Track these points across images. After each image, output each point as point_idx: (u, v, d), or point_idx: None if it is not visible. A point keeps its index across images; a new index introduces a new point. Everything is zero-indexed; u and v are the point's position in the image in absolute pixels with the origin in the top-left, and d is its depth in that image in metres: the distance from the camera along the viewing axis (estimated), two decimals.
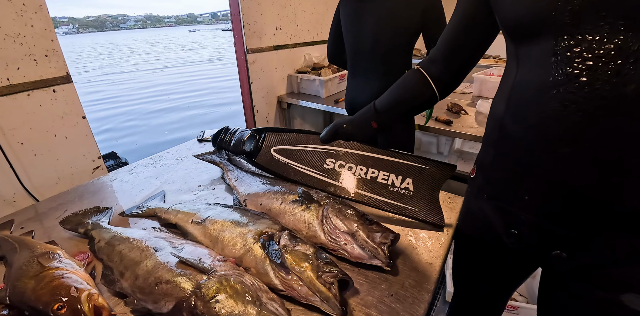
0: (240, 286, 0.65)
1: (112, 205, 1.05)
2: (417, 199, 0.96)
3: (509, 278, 0.96)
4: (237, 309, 0.61)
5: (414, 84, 0.95)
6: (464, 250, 0.97)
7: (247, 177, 1.09)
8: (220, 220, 0.85)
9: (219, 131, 1.26)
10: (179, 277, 0.67)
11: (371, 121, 0.98)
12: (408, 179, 0.98)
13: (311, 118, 2.75)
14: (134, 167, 1.28)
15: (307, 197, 0.93)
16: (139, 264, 0.74)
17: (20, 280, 0.70)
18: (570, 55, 0.54)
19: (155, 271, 0.70)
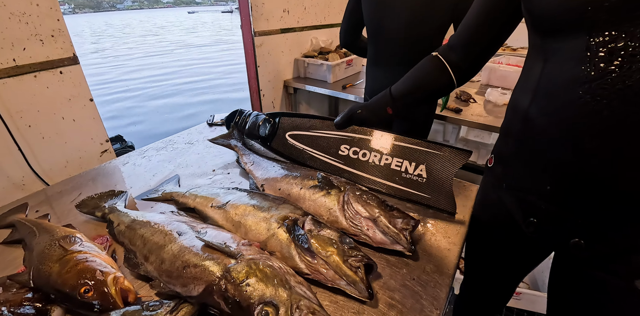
0: (269, 269, 0.65)
1: (126, 189, 1.03)
2: (429, 186, 0.96)
3: (522, 265, 0.98)
4: (268, 292, 0.61)
5: (431, 71, 0.94)
6: (479, 237, 0.98)
7: (263, 161, 1.08)
8: (241, 205, 0.84)
9: (233, 113, 1.25)
10: (206, 261, 0.67)
11: (386, 107, 0.98)
12: (421, 165, 0.98)
13: (317, 104, 2.71)
14: (145, 150, 1.26)
15: (327, 182, 0.92)
16: (164, 248, 0.73)
17: (45, 264, 0.69)
18: (604, 51, 0.54)
19: (181, 255, 0.69)
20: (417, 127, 1.77)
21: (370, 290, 0.66)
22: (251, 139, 1.22)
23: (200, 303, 0.65)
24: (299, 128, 1.14)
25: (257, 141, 1.20)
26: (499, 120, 1.82)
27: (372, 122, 1.00)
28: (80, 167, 1.39)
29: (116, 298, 0.65)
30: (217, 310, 0.63)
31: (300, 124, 1.14)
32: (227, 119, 1.30)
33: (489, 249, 0.98)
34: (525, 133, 0.73)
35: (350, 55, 2.56)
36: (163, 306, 0.64)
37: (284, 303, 0.59)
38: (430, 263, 0.79)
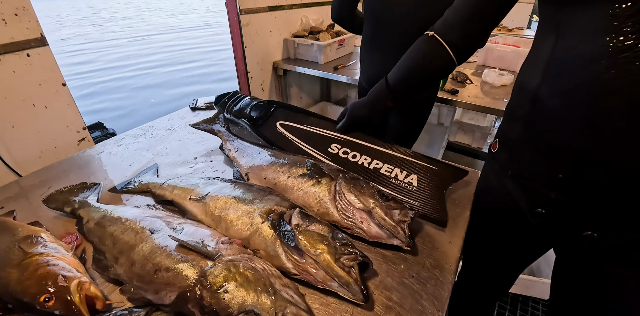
0: (250, 273, 0.57)
1: (101, 181, 0.93)
2: (420, 194, 0.87)
3: (524, 256, 0.91)
4: (249, 299, 0.53)
5: (429, 52, 0.85)
6: (480, 225, 0.90)
7: (249, 147, 0.98)
8: (222, 197, 0.75)
9: (225, 93, 1.21)
10: (180, 264, 0.58)
11: (386, 101, 0.94)
12: (413, 175, 0.91)
13: (308, 86, 2.58)
14: (122, 138, 1.15)
15: (317, 170, 0.83)
16: (134, 248, 0.64)
17: (3, 269, 0.61)
18: (633, 19, 0.47)
19: (153, 256, 0.61)
20: (417, 113, 1.62)
21: (365, 292, 0.58)
22: (238, 119, 1.14)
23: (175, 313, 0.57)
24: (292, 120, 1.09)
25: (244, 122, 1.12)
26: (496, 102, 1.73)
27: (374, 121, 0.99)
28: (56, 157, 1.29)
29: (80, 306, 0.56)
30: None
31: (294, 117, 1.10)
32: (216, 99, 1.20)
33: (490, 239, 0.91)
34: (534, 116, 0.65)
35: (342, 35, 2.42)
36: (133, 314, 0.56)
37: (268, 312, 0.51)
38: (430, 258, 0.72)
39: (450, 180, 0.89)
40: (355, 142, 1.01)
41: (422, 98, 1.55)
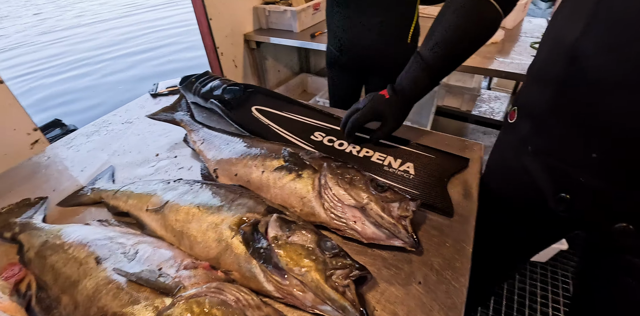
0: (220, 310, 0.44)
1: (49, 193, 0.78)
2: (419, 182, 0.74)
3: (536, 243, 0.80)
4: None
5: (470, 9, 0.67)
6: (488, 208, 0.77)
7: (216, 137, 0.82)
8: (183, 206, 0.61)
9: (193, 74, 1.06)
10: (130, 307, 0.45)
11: (423, 86, 0.76)
12: (409, 163, 0.79)
13: (285, 58, 2.35)
14: (72, 138, 0.98)
15: (296, 160, 0.68)
16: (78, 284, 0.51)
17: None
18: None
19: (97, 296, 0.48)
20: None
21: (365, 314, 0.46)
22: (206, 102, 0.99)
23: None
24: (270, 106, 0.97)
25: (214, 103, 0.97)
26: (487, 61, 1.55)
27: (400, 118, 0.81)
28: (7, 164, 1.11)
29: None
30: None
31: (273, 103, 0.98)
32: (182, 81, 1.05)
33: (500, 223, 0.79)
34: (570, 78, 0.50)
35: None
36: None
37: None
38: (439, 257, 0.59)
39: (451, 169, 0.77)
40: (339, 129, 0.89)
41: (400, 59, 1.35)
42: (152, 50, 5.16)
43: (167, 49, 5.17)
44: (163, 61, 4.70)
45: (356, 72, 1.43)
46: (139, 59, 4.86)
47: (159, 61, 4.72)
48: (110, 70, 4.56)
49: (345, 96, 1.55)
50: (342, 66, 1.42)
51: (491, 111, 2.58)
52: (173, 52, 5.04)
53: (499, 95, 2.74)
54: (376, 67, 1.36)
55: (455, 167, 0.78)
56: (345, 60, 1.37)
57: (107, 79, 4.27)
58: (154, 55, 4.98)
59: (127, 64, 4.70)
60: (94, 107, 3.48)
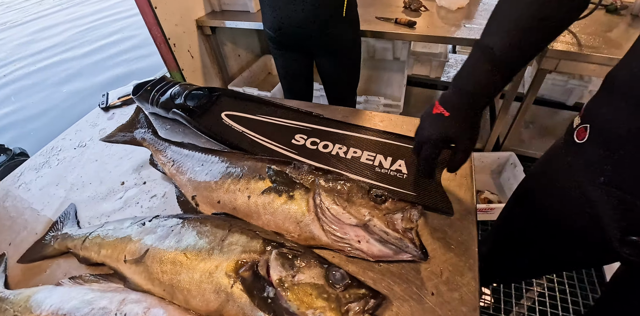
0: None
1: (4, 248, 0.68)
2: (413, 182, 0.69)
3: (575, 265, 0.76)
4: None
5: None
6: (527, 216, 0.73)
7: (188, 157, 0.72)
8: (167, 254, 0.53)
9: (146, 81, 0.93)
10: None
11: (491, 87, 0.55)
12: (399, 161, 0.74)
13: (244, 41, 2.15)
14: (19, 175, 0.84)
15: (284, 179, 0.61)
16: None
17: None
18: None
19: None
20: (347, 50, 1.34)
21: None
22: (167, 112, 0.88)
23: None
24: (241, 110, 0.88)
25: (177, 113, 0.86)
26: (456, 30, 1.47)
27: (472, 134, 0.59)
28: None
29: None
30: None
31: (243, 106, 0.89)
32: (134, 90, 0.92)
33: (539, 237, 0.72)
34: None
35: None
36: None
37: None
38: (447, 262, 0.56)
39: (441, 160, 0.71)
40: (323, 129, 0.82)
41: (337, 33, 1.27)
42: (94, 52, 4.44)
43: (112, 49, 4.46)
44: (110, 64, 4.05)
45: (299, 53, 1.35)
46: (79, 63, 4.19)
47: (104, 65, 4.06)
48: (43, 77, 3.94)
49: (296, 81, 1.47)
50: (283, 48, 1.34)
51: None
52: (120, 52, 4.35)
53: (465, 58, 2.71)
54: (317, 45, 1.28)
55: (444, 156, 0.72)
56: (285, 40, 1.29)
57: (44, 90, 3.66)
58: (97, 57, 4.30)
59: (65, 70, 4.06)
60: (36, 124, 3.00)
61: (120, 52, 4.32)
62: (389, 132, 0.81)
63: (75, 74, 3.91)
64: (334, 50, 1.30)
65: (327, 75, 1.42)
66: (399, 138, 0.80)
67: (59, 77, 3.91)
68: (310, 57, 1.38)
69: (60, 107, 3.27)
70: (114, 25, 5.27)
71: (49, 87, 3.70)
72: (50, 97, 3.49)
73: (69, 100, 3.37)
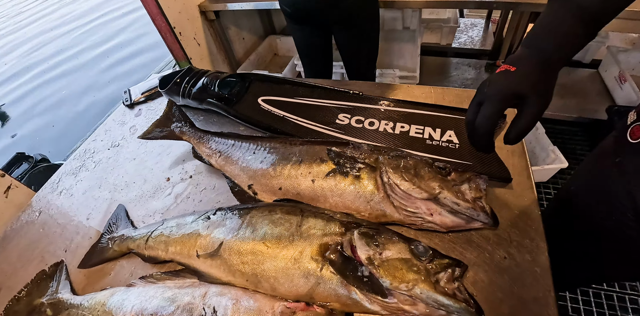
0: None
1: (61, 256, 0.69)
2: (467, 152, 0.69)
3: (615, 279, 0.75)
4: None
5: None
6: (569, 215, 0.72)
7: (235, 147, 0.72)
8: (245, 245, 0.53)
9: (173, 73, 0.91)
10: None
11: (575, 41, 0.50)
12: (449, 131, 0.74)
13: (247, 23, 2.11)
14: (57, 181, 0.85)
15: (347, 160, 0.61)
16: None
17: None
18: None
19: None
20: (365, 22, 1.32)
21: (477, 307, 0.45)
22: (201, 103, 0.88)
23: None
24: (276, 94, 0.86)
25: (212, 103, 0.86)
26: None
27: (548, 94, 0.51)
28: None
29: None
30: None
31: (278, 90, 0.87)
32: (161, 83, 0.90)
33: (579, 239, 0.72)
34: None
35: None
36: None
37: None
38: (513, 227, 0.58)
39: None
40: (365, 106, 0.82)
41: (356, 3, 1.25)
42: (99, 50, 4.34)
43: (116, 45, 4.36)
44: (112, 61, 3.98)
45: (317, 28, 1.34)
46: (84, 61, 4.14)
47: (107, 63, 3.99)
48: (52, 78, 3.91)
49: (315, 57, 1.49)
50: (301, 23, 1.33)
51: (471, 41, 2.52)
52: (124, 43, 4.29)
53: (475, 22, 2.67)
54: (334, 19, 1.27)
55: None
56: (302, 15, 1.28)
57: (56, 93, 3.62)
58: (100, 55, 4.23)
59: (72, 70, 4.02)
60: (53, 129, 2.95)
61: (125, 43, 4.30)
62: (432, 104, 0.80)
63: (79, 73, 3.92)
64: (352, 23, 1.28)
65: (346, 50, 1.41)
66: (443, 109, 0.78)
67: (61, 75, 3.93)
68: (329, 31, 1.37)
69: (70, 106, 3.27)
70: (117, 23, 5.11)
71: (55, 88, 3.71)
72: (56, 99, 3.49)
73: (76, 101, 3.36)
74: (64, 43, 4.82)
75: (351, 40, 1.35)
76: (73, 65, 4.15)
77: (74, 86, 3.64)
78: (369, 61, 1.47)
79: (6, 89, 3.95)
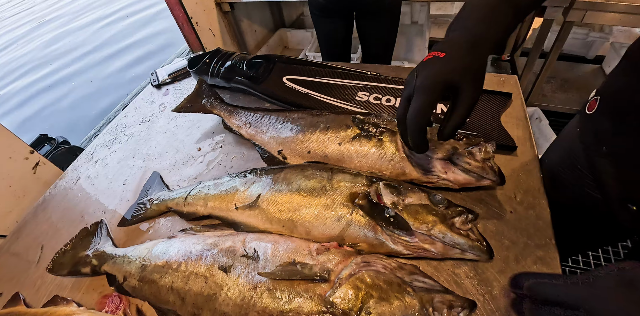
0: (380, 280, 0.48)
1: (100, 217, 0.76)
2: (476, 124, 0.78)
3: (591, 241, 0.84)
4: (396, 308, 0.45)
5: None
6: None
7: (264, 118, 0.80)
8: (281, 196, 0.61)
9: (202, 54, 1.00)
10: (294, 301, 0.47)
11: (508, 17, 0.52)
12: None
13: (258, 16, 2.21)
14: (92, 152, 0.93)
15: (370, 126, 0.69)
16: (216, 298, 0.52)
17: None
18: None
19: (250, 303, 0.49)
20: (388, 12, 1.46)
21: (489, 248, 0.54)
22: (229, 82, 0.97)
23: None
24: (300, 74, 0.95)
25: (239, 81, 0.95)
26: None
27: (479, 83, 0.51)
28: (16, 197, 1.05)
29: None
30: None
31: (301, 70, 0.96)
32: (190, 63, 1.00)
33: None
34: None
35: None
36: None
37: (420, 312, 0.45)
38: (517, 188, 0.66)
39: (499, 108, 0.81)
40: (382, 86, 0.90)
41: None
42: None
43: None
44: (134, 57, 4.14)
45: (342, 18, 1.48)
46: (102, 54, 4.34)
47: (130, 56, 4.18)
48: (69, 68, 4.15)
49: (336, 45, 1.62)
50: (327, 14, 1.46)
51: None
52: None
53: None
54: (361, 8, 1.40)
55: (502, 103, 0.82)
56: (331, 6, 1.41)
57: (70, 80, 3.91)
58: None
59: (90, 63, 4.23)
60: (72, 114, 3.21)
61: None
62: None
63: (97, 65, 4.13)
64: (377, 12, 1.41)
65: (368, 36, 1.55)
66: None
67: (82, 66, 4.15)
68: (351, 22, 1.51)
69: (87, 93, 3.52)
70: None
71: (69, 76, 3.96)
72: (69, 86, 3.73)
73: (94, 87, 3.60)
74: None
75: (374, 29, 1.50)
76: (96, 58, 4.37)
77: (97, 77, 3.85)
78: (387, 49, 1.61)
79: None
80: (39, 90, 3.82)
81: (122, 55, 4.15)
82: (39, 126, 3.11)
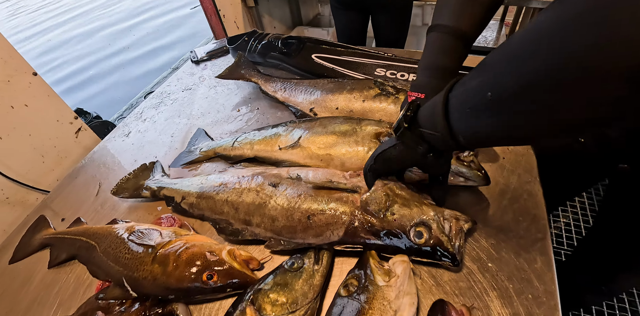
0: (404, 191, 0.61)
1: (153, 160, 0.90)
2: None
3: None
4: (414, 214, 0.58)
5: None
6: None
7: (297, 84, 0.96)
8: (319, 136, 0.76)
9: (240, 34, 1.20)
10: (332, 203, 0.61)
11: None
12: None
13: (278, 12, 2.41)
14: (140, 112, 1.08)
15: (390, 86, 0.84)
16: (266, 205, 0.66)
17: (139, 270, 0.61)
18: None
19: (296, 206, 0.63)
20: (399, 11, 1.64)
21: (486, 174, 0.65)
22: (264, 57, 1.13)
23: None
24: (328, 53, 1.09)
25: (274, 56, 1.11)
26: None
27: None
28: (59, 156, 1.20)
29: (245, 270, 0.60)
30: (359, 245, 0.59)
31: (328, 50, 1.10)
32: (230, 41, 1.18)
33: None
34: None
35: None
36: (304, 260, 0.60)
37: (433, 219, 0.57)
38: (517, 164, 0.74)
39: None
40: (397, 64, 1.02)
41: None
42: None
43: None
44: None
45: (359, 11, 1.67)
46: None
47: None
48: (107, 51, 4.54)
49: (352, 36, 1.80)
50: (345, 7, 1.65)
51: (485, 40, 2.80)
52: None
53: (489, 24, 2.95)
54: (376, 3, 1.58)
55: None
56: (353, 1, 1.59)
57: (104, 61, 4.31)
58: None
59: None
60: (103, 93, 3.49)
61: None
62: None
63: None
64: (391, 6, 1.58)
65: (382, 30, 1.71)
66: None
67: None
68: (367, 15, 1.69)
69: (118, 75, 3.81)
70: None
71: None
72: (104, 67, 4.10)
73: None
74: None
75: (388, 22, 1.67)
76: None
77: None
78: (399, 40, 1.77)
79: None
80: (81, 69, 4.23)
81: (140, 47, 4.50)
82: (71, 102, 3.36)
